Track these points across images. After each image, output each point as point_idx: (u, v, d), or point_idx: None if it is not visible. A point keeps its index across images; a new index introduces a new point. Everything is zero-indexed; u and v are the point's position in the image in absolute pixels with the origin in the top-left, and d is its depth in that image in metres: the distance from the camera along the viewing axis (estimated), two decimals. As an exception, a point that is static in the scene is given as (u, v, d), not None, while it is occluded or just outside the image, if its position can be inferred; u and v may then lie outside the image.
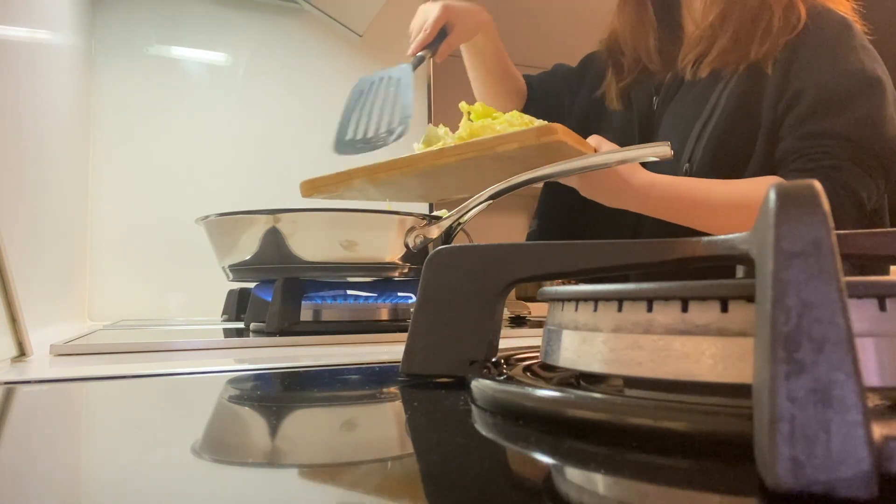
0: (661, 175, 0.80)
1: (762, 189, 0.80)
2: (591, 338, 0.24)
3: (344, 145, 0.81)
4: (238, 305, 0.90)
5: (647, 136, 0.94)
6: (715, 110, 0.85)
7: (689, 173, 0.86)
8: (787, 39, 0.81)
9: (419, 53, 0.87)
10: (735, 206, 0.77)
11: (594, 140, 0.80)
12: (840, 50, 0.79)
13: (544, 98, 1.06)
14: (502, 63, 1.01)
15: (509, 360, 0.34)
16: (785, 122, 0.80)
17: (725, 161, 0.83)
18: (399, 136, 0.76)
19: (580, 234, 0.97)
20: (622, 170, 0.77)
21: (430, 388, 0.31)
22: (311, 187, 0.82)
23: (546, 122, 0.71)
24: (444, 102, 0.82)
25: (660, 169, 0.88)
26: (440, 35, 0.88)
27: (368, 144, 0.79)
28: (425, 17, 0.89)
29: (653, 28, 0.95)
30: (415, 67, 0.85)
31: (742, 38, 0.83)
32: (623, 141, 0.95)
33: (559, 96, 1.06)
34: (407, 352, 0.33)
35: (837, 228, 0.16)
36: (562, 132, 0.68)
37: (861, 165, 0.75)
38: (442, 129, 0.79)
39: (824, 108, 0.77)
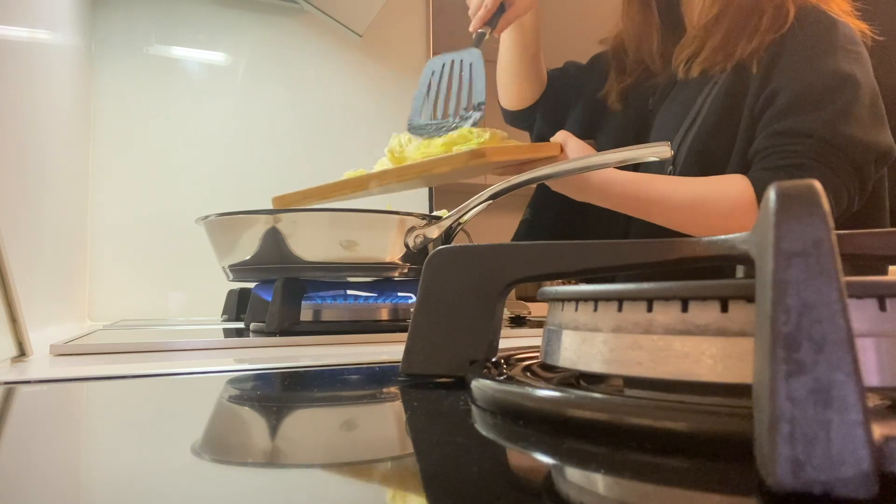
0: (624, 172, 0.80)
1: (719, 188, 0.80)
2: (591, 338, 0.24)
3: (417, 128, 0.84)
4: (238, 305, 0.90)
5: (641, 138, 0.94)
6: (700, 112, 0.86)
7: (672, 175, 0.86)
8: (772, 38, 0.81)
9: (480, 30, 0.87)
10: (692, 205, 0.78)
11: (561, 136, 0.81)
12: (819, 50, 0.79)
13: (556, 93, 1.06)
14: (537, 45, 1.01)
15: (509, 360, 0.34)
16: (760, 121, 0.80)
17: (709, 163, 0.83)
18: (475, 123, 0.78)
19: (573, 226, 0.98)
20: None
21: (430, 388, 0.31)
22: (281, 203, 0.86)
23: (482, 144, 0.75)
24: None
25: (645, 170, 0.88)
26: (498, 10, 0.88)
27: (441, 129, 0.81)
28: None
29: (657, 29, 0.95)
30: (477, 45, 0.86)
31: (731, 38, 0.84)
32: (621, 142, 0.95)
33: (568, 93, 1.06)
34: (407, 352, 0.33)
35: None
36: (491, 153, 0.71)
37: (828, 164, 0.74)
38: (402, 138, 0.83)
39: (795, 107, 0.77)
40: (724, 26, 0.84)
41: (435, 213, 0.72)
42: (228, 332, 0.71)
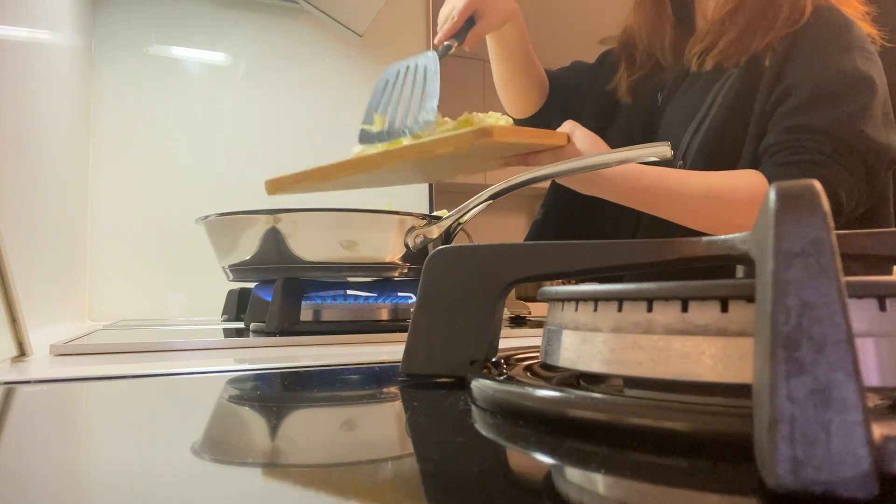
0: (637, 165, 0.79)
1: (736, 181, 0.78)
2: (591, 338, 0.24)
3: (367, 137, 0.81)
4: (238, 305, 0.90)
5: (650, 132, 0.94)
6: (712, 107, 0.85)
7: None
8: (787, 32, 0.81)
9: (446, 42, 0.86)
10: (706, 198, 0.76)
11: (568, 126, 0.79)
12: (835, 48, 0.79)
13: (564, 92, 1.06)
14: (527, 55, 1.00)
15: (509, 360, 0.34)
16: (773, 116, 0.80)
17: (720, 157, 0.82)
18: (424, 126, 0.75)
19: (584, 225, 0.97)
20: None
21: (430, 388, 0.31)
22: (275, 186, 0.82)
23: (489, 124, 0.71)
24: (443, 101, 0.81)
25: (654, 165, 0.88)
26: (468, 24, 0.87)
27: (391, 136, 0.78)
28: (454, 5, 0.87)
29: (670, 24, 0.95)
30: (441, 56, 0.83)
31: (748, 32, 0.83)
32: (629, 135, 0.94)
33: (578, 90, 1.05)
34: (407, 352, 0.33)
35: None
36: (498, 133, 0.68)
37: (842, 163, 0.74)
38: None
39: (811, 104, 0.77)
40: (742, 20, 0.84)
41: (435, 213, 0.72)
42: (228, 332, 0.71)
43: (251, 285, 0.75)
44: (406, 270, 0.71)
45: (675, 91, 0.93)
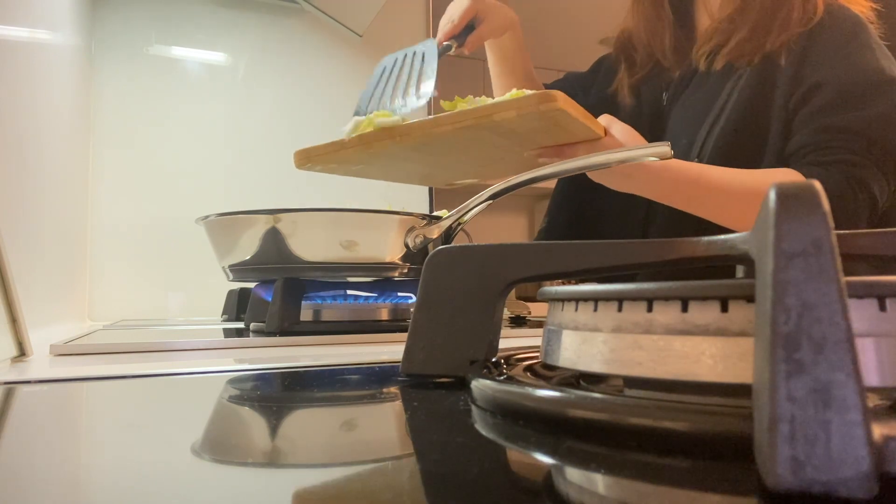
0: (675, 159, 0.78)
1: (775, 179, 0.77)
2: (591, 338, 0.24)
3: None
4: (238, 305, 0.90)
5: (656, 132, 0.94)
6: (726, 105, 0.85)
7: None
8: (801, 31, 0.81)
9: (445, 43, 0.88)
10: (749, 194, 0.75)
11: (605, 119, 0.78)
12: (855, 47, 0.79)
13: None
14: (525, 67, 1.02)
15: (509, 360, 0.34)
16: (798, 115, 0.79)
17: (735, 156, 0.82)
18: (417, 103, 0.75)
19: (588, 233, 0.97)
20: None
21: (430, 388, 0.31)
22: (305, 158, 0.80)
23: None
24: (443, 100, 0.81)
25: None
26: (468, 28, 0.89)
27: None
28: (456, 8, 0.90)
29: (669, 24, 0.95)
30: (440, 54, 0.85)
31: (760, 29, 0.83)
32: None
33: (574, 98, 1.06)
34: (407, 352, 0.33)
35: (851, 224, 0.16)
36: (562, 100, 0.65)
37: (876, 163, 0.75)
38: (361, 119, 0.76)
39: (841, 104, 0.77)
40: (752, 18, 0.84)
41: (435, 213, 0.72)
42: (228, 332, 0.71)
43: (251, 285, 0.75)
44: (406, 270, 0.71)
45: (681, 91, 0.93)
